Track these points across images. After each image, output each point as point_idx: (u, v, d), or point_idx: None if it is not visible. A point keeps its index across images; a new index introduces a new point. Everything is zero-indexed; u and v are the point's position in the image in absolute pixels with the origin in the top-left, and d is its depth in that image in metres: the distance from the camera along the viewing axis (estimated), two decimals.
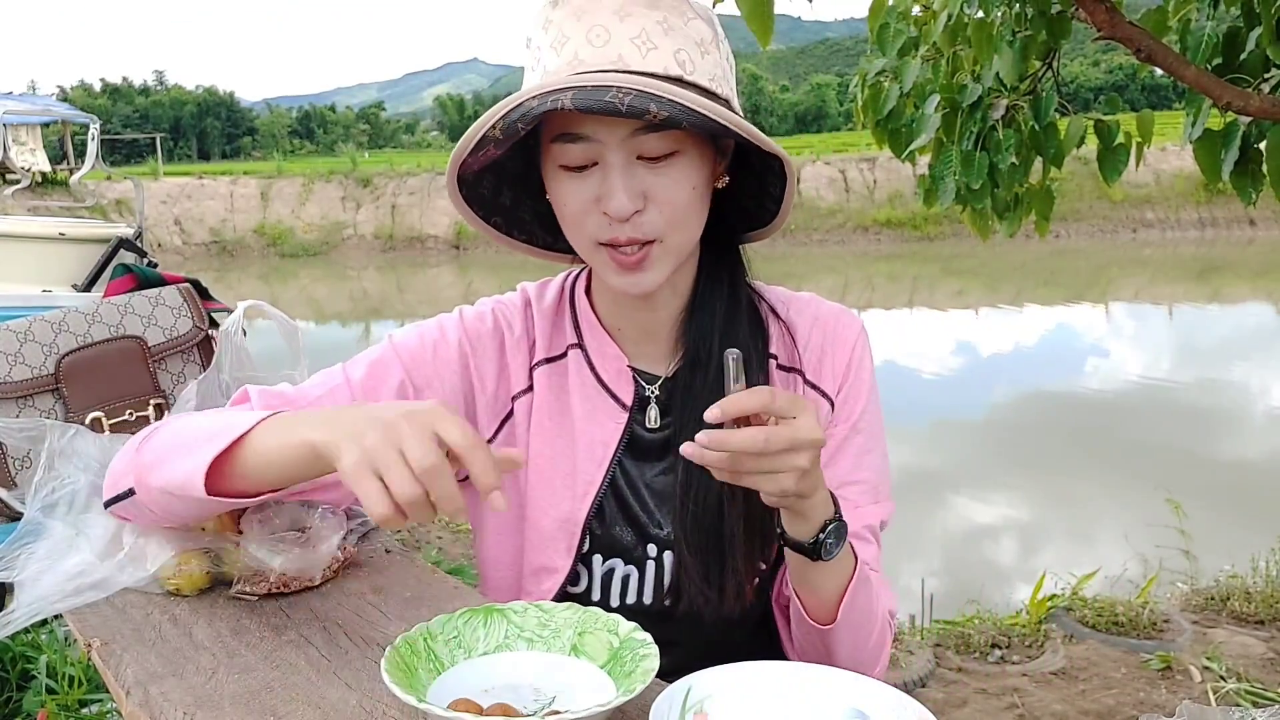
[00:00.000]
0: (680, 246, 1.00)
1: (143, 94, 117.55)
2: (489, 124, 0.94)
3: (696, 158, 0.97)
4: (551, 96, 0.89)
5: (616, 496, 1.10)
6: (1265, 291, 18.37)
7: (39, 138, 26.10)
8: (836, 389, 1.10)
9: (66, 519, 1.16)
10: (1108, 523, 6.13)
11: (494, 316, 1.13)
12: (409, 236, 28.18)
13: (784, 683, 0.81)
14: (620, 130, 0.93)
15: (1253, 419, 9.34)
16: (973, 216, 3.12)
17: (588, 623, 0.91)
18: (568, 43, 0.95)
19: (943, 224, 24.81)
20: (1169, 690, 3.32)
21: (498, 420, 1.11)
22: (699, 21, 0.98)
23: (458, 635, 0.89)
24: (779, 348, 1.11)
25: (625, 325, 1.11)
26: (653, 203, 0.96)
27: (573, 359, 1.12)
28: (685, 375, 1.07)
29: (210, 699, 0.85)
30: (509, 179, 1.09)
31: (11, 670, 2.63)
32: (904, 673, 3.45)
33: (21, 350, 1.39)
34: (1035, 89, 2.98)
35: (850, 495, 1.08)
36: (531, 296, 1.15)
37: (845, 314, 1.14)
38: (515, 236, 1.13)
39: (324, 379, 1.08)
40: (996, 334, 14.79)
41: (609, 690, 0.83)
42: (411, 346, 1.09)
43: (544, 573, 1.10)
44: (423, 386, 1.08)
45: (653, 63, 0.93)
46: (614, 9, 0.94)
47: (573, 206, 0.98)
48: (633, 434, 1.10)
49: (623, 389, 1.10)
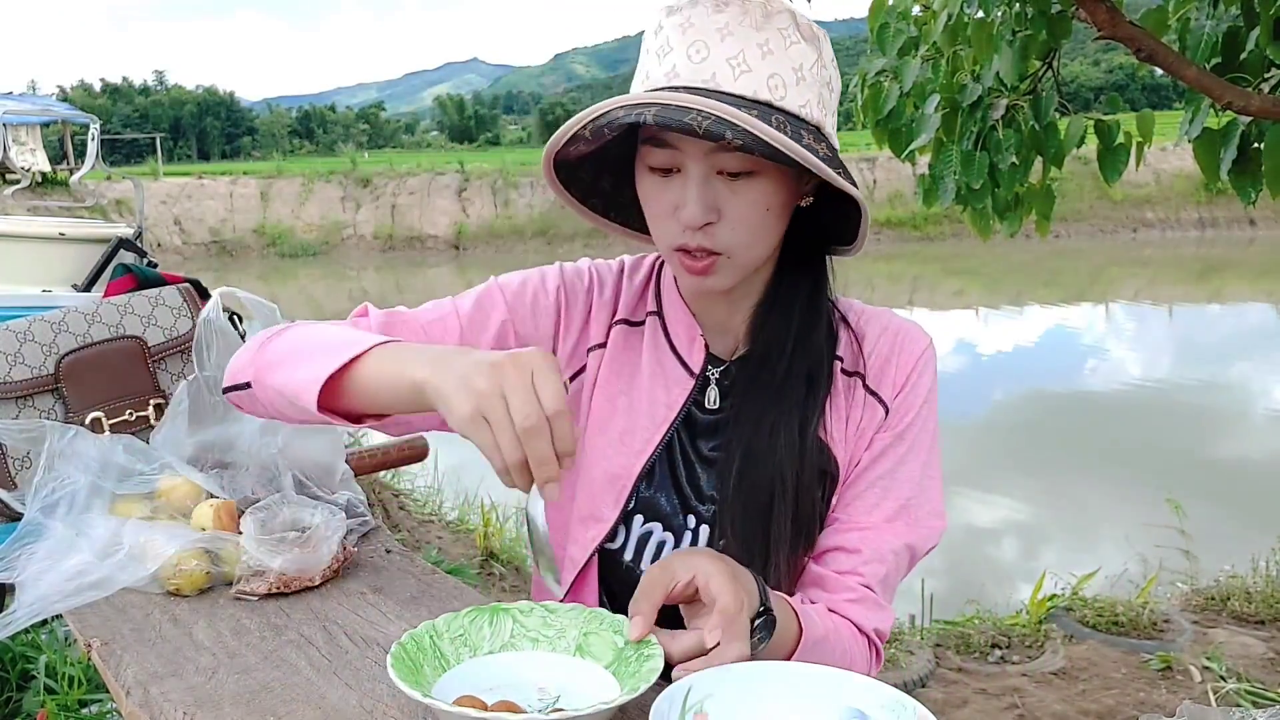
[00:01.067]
0: (748, 263, 1.04)
1: (143, 94, 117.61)
2: (580, 124, 0.99)
3: (775, 179, 1.00)
4: (637, 109, 0.93)
5: (669, 461, 1.12)
6: (1265, 291, 18.37)
7: (39, 138, 26.08)
8: (893, 397, 1.11)
9: (66, 519, 1.16)
10: (1108, 523, 6.13)
11: (590, 274, 1.18)
12: (409, 236, 28.19)
13: (784, 683, 0.81)
14: (702, 145, 0.96)
15: (1253, 419, 9.34)
16: (973, 216, 3.11)
17: (592, 623, 0.91)
18: (670, 53, 0.98)
19: (943, 224, 24.83)
20: (1169, 690, 3.32)
21: (573, 371, 1.15)
22: (802, 45, 0.99)
23: (464, 634, 0.89)
24: (845, 352, 1.13)
25: (702, 311, 1.14)
26: (725, 218, 0.99)
27: (650, 325, 1.16)
28: (751, 367, 1.10)
29: (210, 699, 0.85)
30: (610, 164, 1.12)
31: (11, 670, 2.63)
32: (904, 673, 3.45)
33: (21, 350, 1.39)
34: (1035, 89, 2.98)
35: (871, 495, 1.09)
36: (627, 267, 1.21)
37: (916, 328, 1.15)
38: (612, 218, 1.18)
39: (435, 307, 1.14)
40: (996, 334, 14.79)
41: (613, 690, 0.84)
42: (515, 289, 1.15)
43: (591, 520, 1.12)
44: (521, 328, 1.13)
45: (743, 85, 0.95)
46: (719, 26, 0.96)
47: (654, 208, 1.03)
48: (690, 410, 1.12)
49: (694, 357, 1.13)
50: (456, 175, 29.61)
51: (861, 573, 1.06)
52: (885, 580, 1.08)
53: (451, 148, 74.14)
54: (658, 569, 0.90)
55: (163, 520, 1.17)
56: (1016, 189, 3.03)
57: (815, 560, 1.09)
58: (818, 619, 1.01)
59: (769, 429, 1.06)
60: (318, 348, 0.97)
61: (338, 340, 0.96)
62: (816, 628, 1.00)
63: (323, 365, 0.93)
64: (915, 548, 1.09)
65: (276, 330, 1.06)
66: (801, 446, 1.06)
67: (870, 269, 22.18)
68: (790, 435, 1.06)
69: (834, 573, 1.07)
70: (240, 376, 1.05)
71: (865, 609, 1.05)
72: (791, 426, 1.06)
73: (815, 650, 0.99)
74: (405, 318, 1.12)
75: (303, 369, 0.95)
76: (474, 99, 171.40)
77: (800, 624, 0.98)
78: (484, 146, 74.55)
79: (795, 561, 1.08)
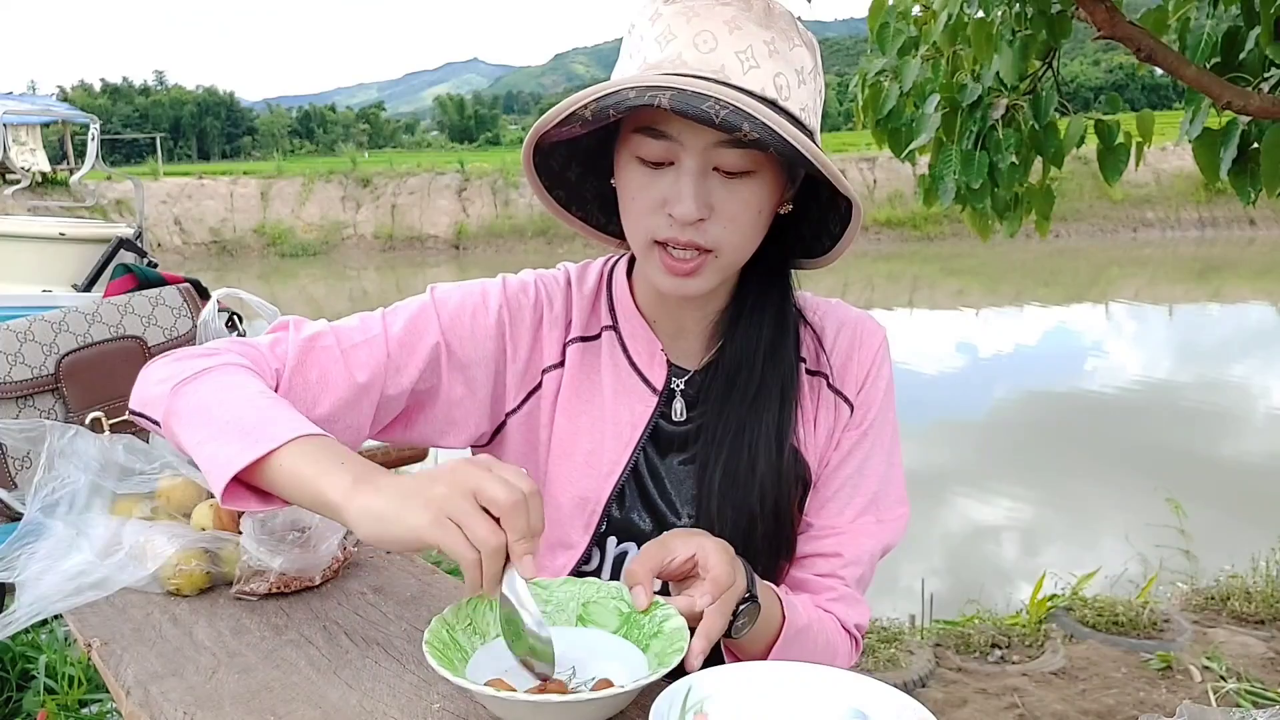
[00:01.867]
0: (733, 263, 1.02)
1: (143, 94, 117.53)
2: (581, 102, 0.95)
3: (769, 181, 0.99)
4: (650, 92, 0.90)
5: (638, 481, 1.11)
6: (1265, 291, 18.36)
7: (39, 138, 26.09)
8: (856, 393, 1.12)
9: (67, 519, 1.16)
10: (1108, 523, 6.13)
11: (536, 289, 1.14)
12: (409, 236, 28.19)
13: (784, 683, 0.81)
14: (705, 138, 0.94)
15: (1253, 419, 9.33)
16: (973, 216, 3.11)
17: (589, 593, 0.93)
18: (674, 40, 0.96)
19: (943, 224, 24.83)
20: (1169, 690, 3.32)
21: (525, 391, 1.12)
22: (803, 49, 0.99)
23: (471, 622, 0.89)
24: (806, 352, 1.13)
25: (661, 317, 1.12)
26: (718, 215, 0.97)
27: (606, 340, 1.13)
28: (721, 380, 1.09)
29: (210, 699, 0.85)
30: (581, 154, 1.10)
31: (11, 670, 2.63)
32: (904, 673, 3.45)
33: (21, 350, 1.39)
34: (1035, 88, 2.98)
35: (843, 495, 1.11)
36: (573, 277, 1.17)
37: (870, 320, 1.16)
38: (573, 212, 1.14)
39: (363, 327, 1.07)
40: (997, 334, 14.78)
41: (628, 653, 0.86)
42: (452, 308, 1.09)
43: (560, 548, 1.11)
44: (458, 350, 1.08)
45: (752, 81, 0.94)
46: (726, 19, 0.95)
47: (640, 200, 0.99)
48: (657, 423, 1.11)
49: (655, 373, 1.11)
50: (456, 175, 29.62)
51: (842, 575, 1.09)
52: (861, 579, 1.12)
53: (451, 148, 74.05)
54: (654, 545, 0.91)
55: (163, 520, 1.17)
56: (1016, 189, 3.03)
57: (795, 566, 1.11)
58: (801, 609, 1.03)
59: (747, 449, 1.05)
60: (229, 422, 0.91)
61: (251, 418, 0.90)
62: (800, 617, 1.02)
63: (232, 451, 0.87)
64: (887, 546, 1.13)
65: (191, 372, 0.98)
66: (779, 461, 1.06)
67: (870, 269, 22.18)
68: (769, 451, 1.06)
69: (814, 576, 1.10)
70: (150, 410, 0.99)
71: (846, 606, 1.09)
72: (770, 442, 1.06)
73: (799, 638, 1.01)
74: (326, 345, 1.04)
75: (210, 444, 0.90)
76: (474, 99, 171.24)
77: (784, 612, 1.00)
78: (484, 146, 74.47)
79: (776, 570, 1.09)
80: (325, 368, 1.02)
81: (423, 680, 0.88)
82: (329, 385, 1.02)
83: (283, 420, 0.90)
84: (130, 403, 1.03)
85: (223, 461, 0.88)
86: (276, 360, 1.02)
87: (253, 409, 0.92)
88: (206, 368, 0.98)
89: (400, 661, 0.92)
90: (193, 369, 0.98)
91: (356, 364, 1.03)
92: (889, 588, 4.75)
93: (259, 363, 1.01)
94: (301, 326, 1.06)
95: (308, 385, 1.01)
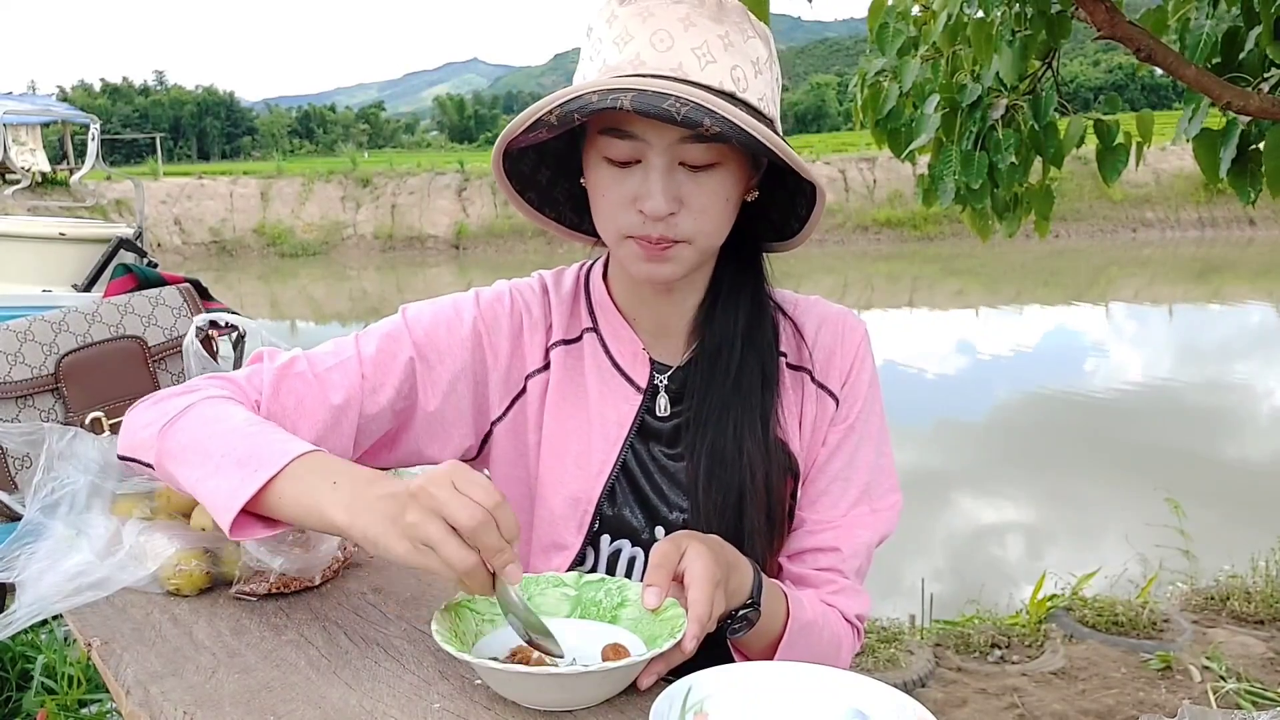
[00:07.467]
0: (705, 250, 1.04)
1: (143, 94, 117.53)
2: (546, 108, 0.96)
3: (734, 170, 1.01)
4: (611, 95, 0.91)
5: (628, 478, 1.12)
6: (1265, 291, 18.37)
7: (39, 138, 26.08)
8: (840, 388, 1.13)
9: (66, 519, 1.16)
10: (1108, 523, 6.13)
11: (511, 298, 1.15)
12: (409, 236, 28.20)
13: (784, 683, 0.81)
14: (669, 136, 0.96)
15: (1252, 419, 9.34)
16: (972, 216, 3.12)
17: (529, 588, 0.94)
18: (631, 41, 0.98)
19: (942, 224, 24.83)
20: (1169, 690, 3.32)
21: (510, 397, 1.13)
22: (757, 41, 1.01)
23: (454, 629, 0.89)
24: (787, 346, 1.14)
25: (641, 315, 1.14)
26: (687, 208, 0.99)
27: (588, 342, 1.14)
28: (702, 368, 1.10)
29: (210, 699, 0.85)
30: (550, 157, 1.12)
31: (11, 670, 2.63)
32: (904, 673, 3.45)
33: (21, 350, 1.39)
34: (1035, 89, 2.98)
35: (835, 489, 1.12)
36: (549, 283, 1.18)
37: (850, 315, 1.17)
38: (545, 214, 1.16)
39: (336, 351, 1.08)
40: (996, 334, 14.79)
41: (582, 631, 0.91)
42: (425, 323, 1.10)
43: (554, 550, 1.12)
44: (434, 364, 1.09)
45: (710, 76, 0.96)
46: (680, 16, 0.97)
47: (610, 199, 1.01)
48: (643, 420, 1.12)
49: (638, 371, 1.12)
50: (456, 175, 29.63)
51: (841, 568, 1.11)
52: (860, 570, 1.13)
53: (451, 148, 74.11)
54: (668, 543, 0.92)
55: (163, 520, 1.17)
56: (1016, 189, 3.03)
57: (795, 561, 1.12)
58: (807, 604, 1.05)
59: (732, 428, 1.07)
60: (224, 455, 0.92)
61: (243, 448, 0.92)
62: (805, 612, 1.03)
63: (233, 484, 0.89)
64: (883, 535, 1.15)
65: (175, 411, 0.99)
66: (766, 442, 1.07)
67: (870, 269, 22.19)
68: (754, 433, 1.07)
69: (814, 570, 1.11)
70: (141, 455, 1.01)
71: (848, 598, 1.11)
72: (754, 424, 1.07)
73: (804, 634, 1.03)
74: (299, 370, 1.05)
75: (209, 480, 0.92)
76: (474, 99, 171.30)
77: (789, 608, 1.01)
78: (484, 146, 74.44)
79: (769, 557, 1.10)
80: (301, 393, 1.04)
81: (423, 680, 0.88)
82: (306, 410, 1.04)
83: (276, 444, 0.92)
84: (118, 449, 1.05)
85: (225, 495, 0.90)
86: (254, 391, 1.04)
87: (243, 438, 0.94)
88: (190, 404, 0.99)
89: (400, 661, 0.92)
90: (176, 408, 1.00)
91: (331, 386, 1.05)
92: (889, 588, 4.76)
93: (238, 394, 1.03)
94: (275, 356, 1.08)
95: (285, 412, 1.03)
